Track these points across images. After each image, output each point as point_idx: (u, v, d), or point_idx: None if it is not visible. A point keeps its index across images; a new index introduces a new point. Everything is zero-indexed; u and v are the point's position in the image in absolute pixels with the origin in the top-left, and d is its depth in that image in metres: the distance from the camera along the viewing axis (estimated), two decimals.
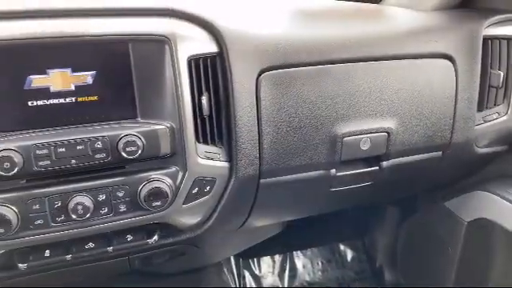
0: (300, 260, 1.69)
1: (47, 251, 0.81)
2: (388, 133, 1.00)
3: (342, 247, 1.75)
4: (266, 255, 1.64)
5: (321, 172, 1.01)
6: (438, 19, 1.12)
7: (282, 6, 1.21)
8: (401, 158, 1.07)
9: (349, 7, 1.29)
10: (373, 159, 1.04)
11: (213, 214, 0.93)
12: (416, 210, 1.52)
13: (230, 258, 1.58)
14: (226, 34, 0.84)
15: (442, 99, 1.04)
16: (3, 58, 0.71)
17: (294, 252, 1.69)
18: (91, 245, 0.84)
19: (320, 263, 1.70)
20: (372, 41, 1.00)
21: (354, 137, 0.98)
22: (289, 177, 0.98)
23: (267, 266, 1.65)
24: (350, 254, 1.75)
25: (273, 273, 1.64)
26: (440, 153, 1.11)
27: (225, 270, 1.53)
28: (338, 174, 1.02)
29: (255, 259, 1.62)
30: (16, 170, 0.71)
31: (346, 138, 0.97)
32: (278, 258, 1.67)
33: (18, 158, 0.71)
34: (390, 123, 1.00)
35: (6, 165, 0.71)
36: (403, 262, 1.60)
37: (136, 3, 0.79)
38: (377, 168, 1.05)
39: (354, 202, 1.28)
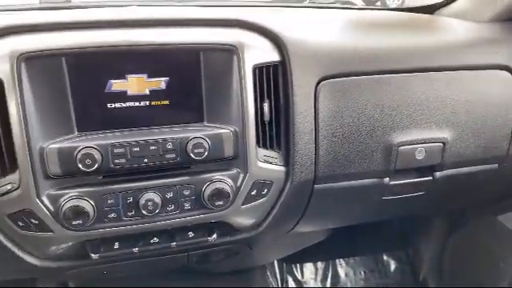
0: (342, 268, 1.69)
1: (116, 243, 0.87)
2: (443, 143, 1.00)
3: (385, 257, 1.74)
4: (309, 261, 1.65)
5: (374, 180, 1.02)
6: (497, 30, 1.11)
7: (338, 17, 1.24)
8: (455, 169, 1.06)
9: (403, 18, 1.30)
10: (427, 169, 1.05)
11: (268, 216, 0.96)
12: (465, 223, 1.49)
13: (273, 262, 1.60)
14: (288, 43, 0.88)
15: (500, 111, 1.03)
16: (89, 63, 0.78)
17: (337, 260, 1.69)
18: (156, 239, 0.89)
19: (363, 272, 1.69)
20: (430, 51, 1.01)
21: (409, 146, 0.99)
22: (342, 183, 1.00)
23: (310, 273, 1.66)
24: (393, 265, 1.74)
25: (315, 279, 1.65)
26: (496, 165, 1.09)
27: (268, 273, 1.55)
28: (392, 182, 1.03)
29: (298, 265, 1.64)
30: (96, 166, 0.78)
31: (401, 148, 0.98)
32: (320, 264, 1.67)
33: (97, 156, 0.78)
34: (445, 133, 1.00)
35: (88, 161, 0.77)
36: (449, 275, 1.57)
37: (206, 14, 0.85)
38: (430, 178, 1.05)
39: (405, 212, 1.27)
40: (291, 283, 1.62)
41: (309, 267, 1.66)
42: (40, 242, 0.84)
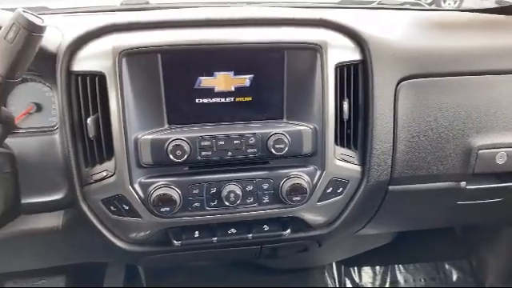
0: (402, 274, 1.66)
1: (196, 232, 0.91)
2: None
3: (446, 266, 1.68)
4: (367, 265, 1.63)
5: (450, 183, 1.00)
6: None
7: (411, 18, 1.22)
8: None
9: (479, 19, 1.26)
10: (507, 175, 1.01)
11: (341, 215, 0.97)
12: None
13: (331, 264, 1.60)
14: (370, 43, 0.88)
15: None
16: (181, 60, 0.83)
17: (396, 265, 1.66)
18: (233, 230, 0.92)
19: (423, 280, 1.65)
20: (510, 53, 0.98)
21: (489, 150, 0.96)
22: (417, 186, 0.99)
23: (368, 277, 1.64)
24: (455, 275, 1.68)
25: (373, 284, 1.63)
26: None
27: (326, 274, 1.55)
28: (468, 187, 1.01)
29: (356, 268, 1.62)
30: (185, 157, 0.82)
31: (481, 151, 0.96)
32: (379, 269, 1.65)
33: (187, 148, 0.82)
34: None
35: (178, 152, 0.82)
36: None
37: (292, 14, 0.87)
38: (510, 184, 1.01)
39: (477, 219, 1.24)
40: (349, 286, 1.61)
41: (367, 271, 1.64)
42: (128, 227, 0.89)
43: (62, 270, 1.36)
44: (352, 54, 0.89)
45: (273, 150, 0.85)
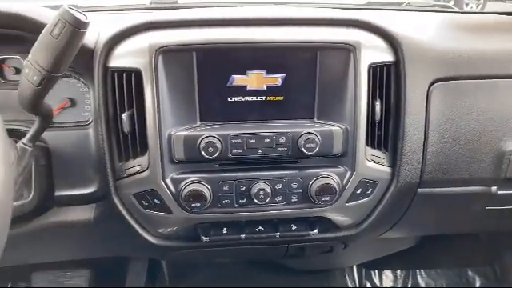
0: (423, 279, 1.64)
1: (224, 229, 0.92)
2: None
3: (469, 273, 1.65)
4: (388, 269, 1.62)
5: (481, 188, 0.99)
6: None
7: (441, 19, 1.21)
8: None
9: (508, 21, 1.25)
10: None
11: (369, 216, 0.97)
12: None
13: (352, 266, 1.59)
14: (404, 44, 0.88)
15: None
16: (215, 59, 0.84)
17: (418, 270, 1.64)
18: (261, 228, 0.93)
19: (445, 285, 1.62)
20: None
21: None
22: (446, 189, 0.98)
23: (389, 280, 1.62)
24: (478, 282, 1.65)
25: None
26: None
27: (347, 276, 1.55)
28: (499, 192, 0.99)
29: (377, 271, 1.61)
30: (217, 154, 0.83)
31: None
32: (400, 273, 1.63)
33: (218, 145, 0.83)
34: None
35: (210, 149, 0.83)
36: None
37: (326, 14, 0.87)
38: None
39: (506, 225, 1.21)
40: None
41: (388, 275, 1.62)
42: (158, 221, 0.91)
43: (87, 264, 1.39)
44: (385, 55, 0.88)
45: (303, 150, 0.85)
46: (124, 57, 0.83)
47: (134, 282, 1.44)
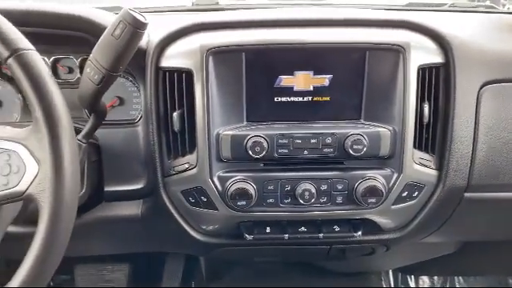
0: (461, 286, 1.59)
1: (268, 228, 0.93)
2: None
3: (510, 280, 1.60)
4: (425, 274, 1.59)
5: None
6: None
7: (488, 20, 1.19)
8: None
9: None
10: None
11: (414, 219, 0.96)
12: None
13: (388, 270, 1.57)
14: (454, 45, 0.86)
15: None
16: (264, 59, 0.85)
17: (456, 277, 1.60)
18: (304, 229, 0.93)
19: None
20: None
21: None
22: (494, 194, 0.96)
23: (426, 286, 1.59)
24: None
25: None
26: None
27: (383, 280, 1.53)
28: None
29: (413, 276, 1.59)
30: (263, 154, 0.84)
31: None
32: (437, 279, 1.60)
33: (265, 145, 0.84)
34: None
35: (257, 149, 0.84)
36: None
37: (375, 15, 0.87)
38: None
39: None
40: None
41: (425, 280, 1.59)
42: (204, 218, 0.93)
43: (126, 259, 1.43)
44: (435, 57, 0.87)
45: (350, 151, 0.85)
46: (175, 57, 0.85)
47: (171, 278, 1.47)
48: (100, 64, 0.70)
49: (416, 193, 0.91)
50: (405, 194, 0.90)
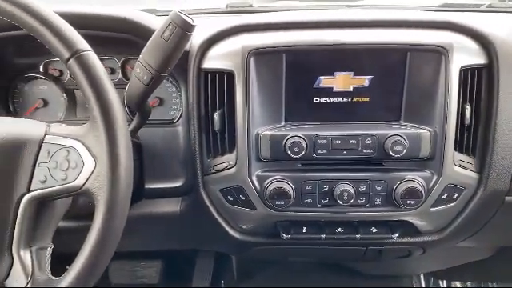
0: None
1: (304, 228, 0.94)
2: None
3: None
4: (458, 279, 1.56)
5: None
6: None
7: None
8: None
9: None
10: None
11: (452, 223, 0.94)
12: None
13: (420, 274, 1.55)
14: (498, 46, 0.85)
15: None
16: (304, 60, 0.86)
17: (490, 282, 1.56)
18: (340, 229, 0.93)
19: None
20: None
21: None
22: None
23: None
24: None
25: None
26: None
27: (414, 284, 1.51)
28: None
29: (445, 281, 1.56)
30: (302, 154, 0.85)
31: None
32: (470, 285, 1.57)
33: (304, 145, 0.85)
34: None
35: (296, 149, 0.85)
36: None
37: (416, 16, 0.87)
38: None
39: None
40: None
41: (457, 285, 1.56)
42: (241, 216, 0.94)
43: (157, 255, 1.46)
44: (477, 58, 0.86)
45: (390, 152, 0.85)
46: (217, 59, 0.87)
47: (201, 276, 1.49)
48: (149, 65, 0.72)
49: (456, 195, 0.90)
50: (444, 196, 0.89)
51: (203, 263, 1.51)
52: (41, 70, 1.02)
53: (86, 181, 0.59)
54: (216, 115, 0.87)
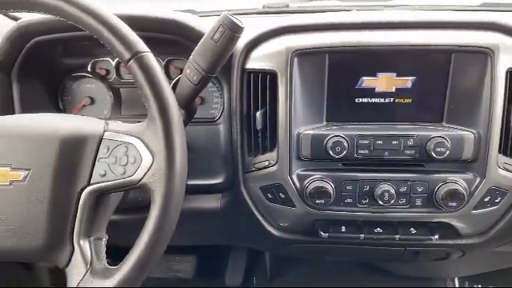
0: None
1: (343, 227, 0.94)
2: None
3: None
4: (493, 285, 1.53)
5: None
6: None
7: None
8: None
9: None
10: None
11: (494, 226, 0.93)
12: None
13: (454, 278, 1.53)
14: None
15: None
16: (347, 61, 0.87)
17: None
18: (379, 230, 0.94)
19: None
20: None
21: None
22: None
23: None
24: None
25: None
26: None
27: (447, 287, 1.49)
28: None
29: (480, 286, 1.53)
30: (343, 153, 0.86)
31: None
32: None
33: (345, 145, 0.86)
34: None
35: (338, 148, 0.86)
36: None
37: (461, 17, 0.86)
38: None
39: None
40: None
41: None
42: (280, 214, 0.95)
43: (193, 251, 1.49)
44: None
45: (433, 154, 0.84)
46: (261, 59, 0.89)
47: (234, 273, 1.52)
48: (199, 66, 0.75)
49: (499, 198, 0.89)
50: (487, 198, 0.88)
51: (236, 260, 1.53)
52: (88, 69, 1.07)
53: (144, 175, 0.62)
54: (258, 114, 0.89)
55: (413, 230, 0.93)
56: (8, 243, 0.64)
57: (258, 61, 0.89)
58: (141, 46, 0.64)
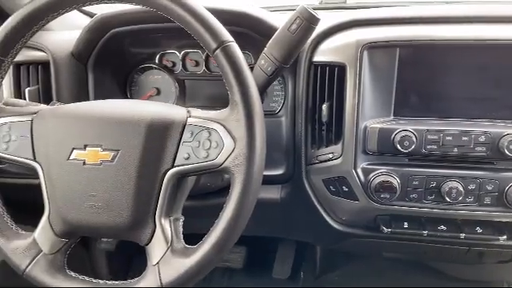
0: None
1: (405, 223, 0.93)
2: None
3: None
4: None
5: None
6: None
7: None
8: None
9: None
10: None
11: None
12: None
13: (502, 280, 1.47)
14: None
15: None
16: (417, 55, 0.86)
17: None
18: (443, 227, 0.92)
19: None
20: None
21: None
22: None
23: None
24: None
25: None
26: None
27: None
28: None
29: None
30: (411, 148, 0.85)
31: None
32: None
33: (414, 139, 0.85)
34: None
35: (406, 143, 0.85)
36: None
37: None
38: None
39: None
40: None
41: None
42: (342, 208, 0.96)
43: (243, 241, 1.52)
44: None
45: (506, 152, 0.82)
46: (329, 52, 0.90)
47: (282, 265, 1.54)
48: (274, 57, 0.76)
49: None
50: None
51: (284, 253, 1.55)
52: (156, 61, 1.12)
53: (226, 159, 0.65)
54: (324, 107, 0.90)
55: (479, 229, 0.90)
56: (96, 219, 0.69)
57: (326, 54, 0.90)
58: (226, 36, 0.66)
